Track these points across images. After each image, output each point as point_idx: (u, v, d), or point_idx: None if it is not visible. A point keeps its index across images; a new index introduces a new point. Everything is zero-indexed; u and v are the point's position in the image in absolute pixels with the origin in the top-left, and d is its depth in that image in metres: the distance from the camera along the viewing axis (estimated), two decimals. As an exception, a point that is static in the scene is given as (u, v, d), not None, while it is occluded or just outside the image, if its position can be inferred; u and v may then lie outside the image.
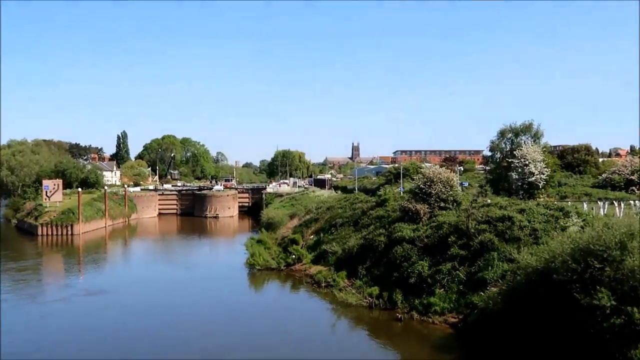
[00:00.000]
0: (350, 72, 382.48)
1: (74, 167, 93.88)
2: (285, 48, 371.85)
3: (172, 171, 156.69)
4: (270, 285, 39.47)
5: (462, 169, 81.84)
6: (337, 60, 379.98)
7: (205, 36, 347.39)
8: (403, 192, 50.28)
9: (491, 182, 51.13)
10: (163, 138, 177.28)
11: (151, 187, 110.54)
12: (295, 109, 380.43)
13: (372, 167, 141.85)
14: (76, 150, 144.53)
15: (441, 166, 48.12)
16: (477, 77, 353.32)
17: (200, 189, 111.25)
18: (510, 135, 50.66)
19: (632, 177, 53.72)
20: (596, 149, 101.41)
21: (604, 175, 58.47)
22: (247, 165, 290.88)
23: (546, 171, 44.52)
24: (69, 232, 67.21)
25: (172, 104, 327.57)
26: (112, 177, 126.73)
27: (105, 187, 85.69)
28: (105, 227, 76.47)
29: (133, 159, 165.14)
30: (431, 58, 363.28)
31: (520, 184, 44.69)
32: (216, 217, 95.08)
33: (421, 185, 36.93)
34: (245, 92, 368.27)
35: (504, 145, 51.45)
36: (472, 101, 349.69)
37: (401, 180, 59.52)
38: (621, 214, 27.88)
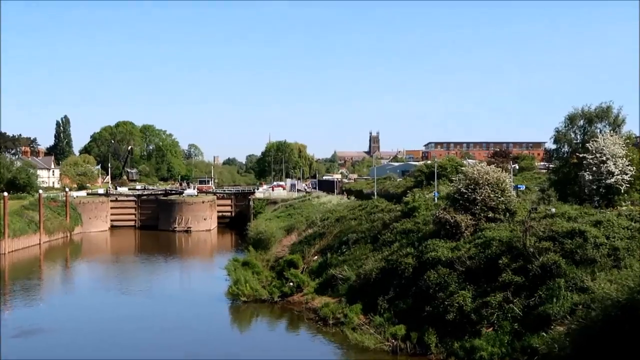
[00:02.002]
0: (366, 45, 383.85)
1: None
2: (279, 18, 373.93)
3: (129, 170, 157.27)
4: (259, 322, 39.47)
5: (517, 167, 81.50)
6: (348, 32, 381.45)
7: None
8: (438, 198, 50.16)
9: (556, 184, 50.89)
10: (117, 125, 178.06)
11: (101, 191, 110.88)
12: (293, 92, 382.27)
13: (396, 164, 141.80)
14: (1, 142, 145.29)
15: (489, 163, 47.96)
16: (538, 50, 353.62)
17: (166, 193, 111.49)
18: (581, 122, 50.42)
19: None
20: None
21: None
22: (230, 162, 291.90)
23: (630, 170, 44.26)
24: (-8, 251, 67.54)
25: (129, 85, 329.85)
26: (49, 177, 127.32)
27: (40, 191, 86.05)
28: (40, 244, 76.79)
29: (77, 154, 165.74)
30: (475, 26, 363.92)
31: (595, 187, 44.47)
32: (188, 232, 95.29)
33: (462, 189, 36.87)
34: (227, 72, 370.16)
35: (573, 136, 51.21)
36: (531, 79, 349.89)
37: (435, 183, 59.44)
38: None
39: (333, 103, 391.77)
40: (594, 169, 43.84)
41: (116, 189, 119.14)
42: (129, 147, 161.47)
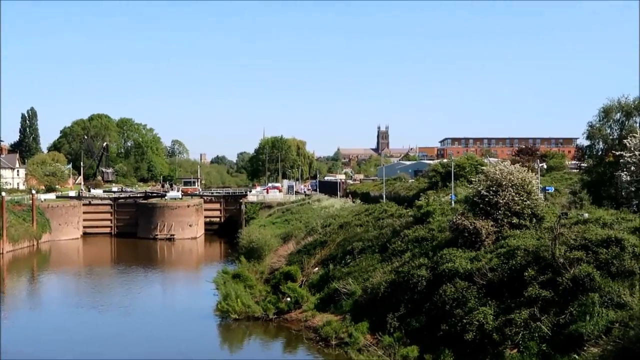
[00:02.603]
0: (372, 30, 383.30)
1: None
2: (274, 5, 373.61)
3: (104, 169, 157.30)
4: (252, 342, 39.47)
5: (546, 167, 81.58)
6: (352, 16, 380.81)
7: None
8: (455, 202, 50.14)
9: (589, 186, 50.91)
10: (91, 119, 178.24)
11: (72, 194, 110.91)
12: (290, 82, 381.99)
13: (407, 163, 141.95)
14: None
15: (513, 162, 47.96)
16: (570, 35, 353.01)
17: (146, 196, 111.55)
18: (618, 115, 50.39)
19: None
20: None
21: None
22: (219, 161, 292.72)
23: (674, 170, 44.28)
24: (-51, 262, 67.59)
25: (105, 74, 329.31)
26: (13, 177, 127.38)
27: (3, 194, 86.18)
28: (3, 253, 76.77)
29: (45, 151, 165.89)
30: (497, 10, 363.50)
31: (633, 189, 44.47)
32: (171, 239, 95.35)
33: (483, 192, 36.85)
34: (216, 61, 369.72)
35: (608, 131, 51.18)
36: (560, 67, 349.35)
37: (452, 184, 59.49)
38: None
39: (336, 94, 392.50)
40: (633, 168, 43.78)
41: (89, 191, 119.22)
42: (104, 144, 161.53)
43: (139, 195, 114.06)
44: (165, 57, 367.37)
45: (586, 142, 55.11)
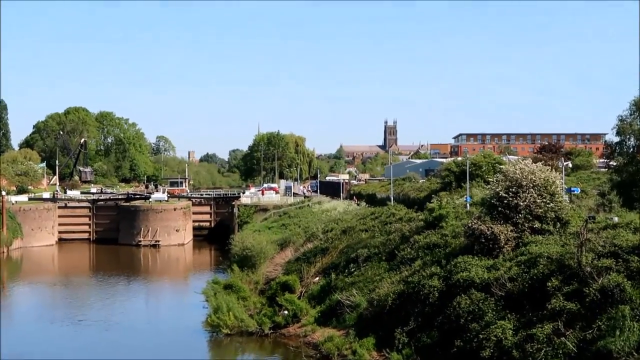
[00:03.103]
0: (378, 14, 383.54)
1: None
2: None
3: (82, 168, 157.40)
4: (246, 360, 39.51)
5: (571, 166, 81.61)
6: (357, 6, 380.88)
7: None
8: (470, 205, 50.14)
9: (619, 186, 50.92)
10: (67, 113, 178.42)
11: (47, 195, 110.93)
12: (288, 72, 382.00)
13: (417, 161, 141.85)
14: None
15: (535, 160, 47.93)
16: (600, 21, 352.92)
17: (129, 197, 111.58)
18: (651, 108, 50.42)
19: None
20: None
21: None
22: (209, 159, 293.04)
23: None
24: None
25: (82, 63, 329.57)
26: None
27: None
28: (-29, 262, 76.80)
29: (17, 148, 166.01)
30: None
31: (668, 190, 44.51)
32: (156, 246, 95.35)
33: (502, 193, 36.85)
34: (207, 50, 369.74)
35: (640, 126, 51.21)
36: (587, 56, 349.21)
37: (467, 185, 59.46)
38: None
39: (338, 87, 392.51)
40: (668, 167, 43.85)
41: (66, 192, 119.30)
42: (82, 140, 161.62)
43: (120, 197, 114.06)
44: (149, 45, 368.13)
45: (616, 138, 55.14)
